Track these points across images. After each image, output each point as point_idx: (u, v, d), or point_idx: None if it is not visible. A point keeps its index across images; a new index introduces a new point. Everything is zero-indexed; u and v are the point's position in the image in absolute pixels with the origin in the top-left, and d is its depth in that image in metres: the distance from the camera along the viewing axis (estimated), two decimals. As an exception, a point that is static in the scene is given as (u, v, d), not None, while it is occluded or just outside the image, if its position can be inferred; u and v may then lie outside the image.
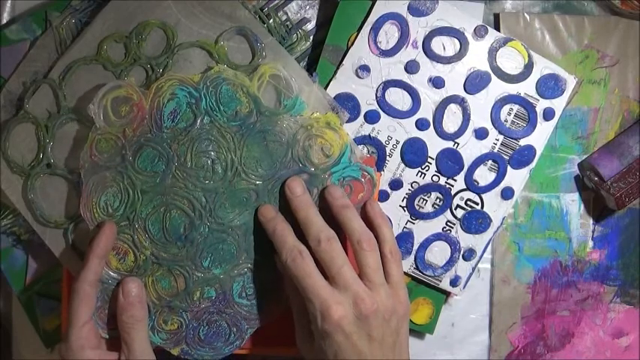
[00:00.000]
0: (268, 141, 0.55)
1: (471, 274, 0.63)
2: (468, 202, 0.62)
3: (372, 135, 0.61)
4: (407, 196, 0.61)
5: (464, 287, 0.63)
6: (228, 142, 0.54)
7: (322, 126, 0.56)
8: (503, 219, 0.62)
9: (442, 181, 0.61)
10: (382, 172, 0.61)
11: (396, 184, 0.61)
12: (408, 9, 0.60)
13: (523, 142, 0.61)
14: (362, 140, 0.61)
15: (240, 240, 0.55)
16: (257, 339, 0.60)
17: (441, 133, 0.61)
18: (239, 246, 0.55)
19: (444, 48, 0.60)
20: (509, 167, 0.61)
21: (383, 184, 0.61)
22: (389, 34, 0.60)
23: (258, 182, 0.55)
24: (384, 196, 0.61)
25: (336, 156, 0.56)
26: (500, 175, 0.61)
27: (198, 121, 0.54)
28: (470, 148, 0.61)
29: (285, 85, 0.55)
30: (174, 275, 0.55)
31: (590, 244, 0.67)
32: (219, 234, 0.55)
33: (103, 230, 0.53)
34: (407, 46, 0.60)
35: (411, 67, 0.60)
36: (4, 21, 0.63)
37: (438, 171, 0.61)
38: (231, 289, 0.56)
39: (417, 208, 0.62)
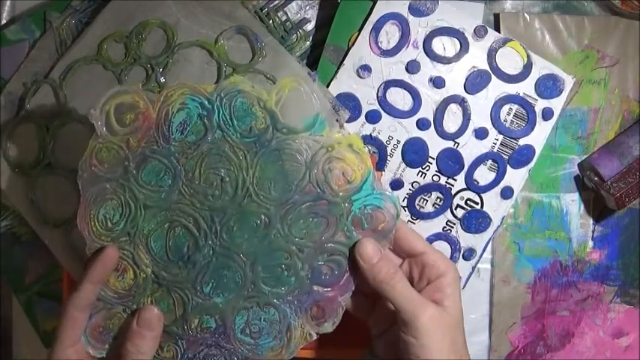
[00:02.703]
0: (284, 160, 0.50)
1: (471, 274, 0.63)
2: (468, 202, 0.62)
3: (373, 135, 0.61)
4: (408, 196, 0.61)
5: (464, 287, 0.63)
6: (240, 160, 0.50)
7: (344, 148, 0.50)
8: (503, 218, 0.62)
9: (442, 180, 0.61)
10: (383, 172, 0.61)
11: (396, 184, 0.61)
12: (408, 9, 0.60)
13: (522, 141, 0.61)
14: (363, 140, 0.61)
15: (246, 269, 0.50)
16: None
17: (442, 133, 0.61)
18: (245, 275, 0.50)
19: (445, 48, 0.61)
20: (508, 167, 0.61)
21: (384, 184, 0.61)
22: (390, 34, 0.60)
23: (270, 206, 0.50)
24: (384, 196, 0.61)
25: (357, 182, 0.50)
26: (500, 175, 0.61)
27: (210, 135, 0.49)
28: (470, 148, 0.61)
29: (306, 101, 0.50)
30: (173, 298, 0.51)
31: (590, 244, 0.67)
32: (224, 259, 0.50)
33: (101, 256, 0.48)
34: (408, 46, 0.60)
35: (412, 67, 0.60)
36: (4, 21, 0.63)
37: (439, 171, 0.61)
38: (233, 322, 0.51)
39: (418, 208, 0.62)
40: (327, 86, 0.60)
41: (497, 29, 0.64)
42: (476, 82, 0.60)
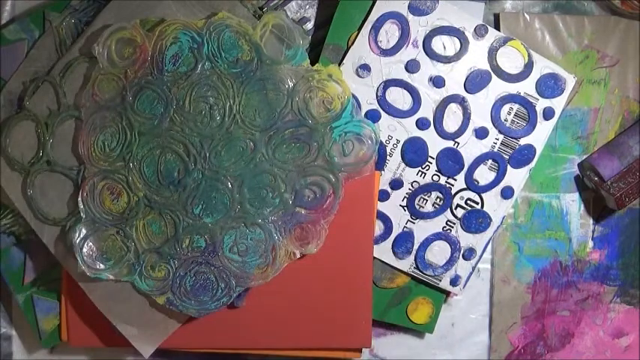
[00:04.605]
0: (268, 90, 0.55)
1: (471, 274, 0.63)
2: (468, 202, 0.62)
3: (373, 134, 0.61)
4: (407, 196, 0.61)
5: (464, 287, 0.63)
6: (228, 89, 0.54)
7: (324, 78, 0.55)
8: (503, 218, 0.62)
9: (442, 180, 0.61)
10: (382, 172, 0.61)
11: (396, 184, 0.61)
12: (408, 8, 0.60)
13: (523, 141, 0.61)
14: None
15: (234, 191, 0.55)
16: (257, 338, 0.60)
17: (442, 133, 0.61)
18: (232, 197, 0.55)
19: (445, 47, 0.60)
20: (509, 166, 0.61)
21: (383, 184, 0.61)
22: (389, 34, 0.60)
23: (255, 132, 0.55)
24: (384, 196, 0.61)
25: (337, 110, 0.55)
26: (500, 175, 0.61)
27: (199, 66, 0.54)
28: (470, 148, 0.61)
29: (288, 34, 0.55)
30: (165, 220, 0.55)
31: (590, 244, 0.67)
32: (213, 182, 0.55)
33: None
34: (407, 46, 0.60)
35: (412, 67, 0.60)
36: (4, 21, 0.63)
37: (439, 170, 0.61)
38: (221, 241, 0.56)
39: (418, 207, 0.62)
40: (327, 85, 0.60)
41: (497, 29, 0.64)
42: (476, 81, 0.60)
